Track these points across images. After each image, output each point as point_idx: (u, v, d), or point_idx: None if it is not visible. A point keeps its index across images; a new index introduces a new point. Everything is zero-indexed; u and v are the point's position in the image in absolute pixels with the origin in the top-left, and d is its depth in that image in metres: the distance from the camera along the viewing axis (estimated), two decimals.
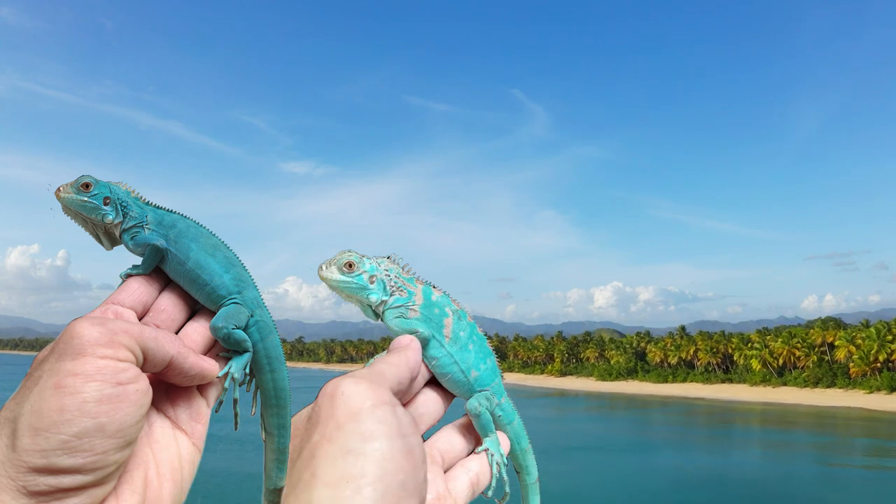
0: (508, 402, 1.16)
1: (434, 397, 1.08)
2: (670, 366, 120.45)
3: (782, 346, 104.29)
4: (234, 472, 32.38)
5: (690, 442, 57.46)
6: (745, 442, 59.84)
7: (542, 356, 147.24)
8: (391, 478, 0.73)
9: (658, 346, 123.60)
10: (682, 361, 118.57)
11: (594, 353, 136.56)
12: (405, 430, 0.79)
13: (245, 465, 33.49)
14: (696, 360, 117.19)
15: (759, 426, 72.60)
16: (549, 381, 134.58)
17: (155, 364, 0.92)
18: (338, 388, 0.81)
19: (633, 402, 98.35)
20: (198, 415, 1.03)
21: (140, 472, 0.91)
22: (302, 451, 0.78)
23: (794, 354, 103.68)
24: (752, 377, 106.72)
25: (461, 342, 1.11)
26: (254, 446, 2.53)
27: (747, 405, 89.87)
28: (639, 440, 56.54)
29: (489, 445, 1.08)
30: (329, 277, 1.11)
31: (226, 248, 1.15)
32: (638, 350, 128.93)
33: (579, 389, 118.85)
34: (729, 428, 70.11)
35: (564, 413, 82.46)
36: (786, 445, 55.85)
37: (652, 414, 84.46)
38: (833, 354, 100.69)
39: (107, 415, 0.81)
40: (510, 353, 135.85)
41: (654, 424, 72.85)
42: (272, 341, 1.13)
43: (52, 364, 0.83)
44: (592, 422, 71.47)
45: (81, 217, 1.14)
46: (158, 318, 1.06)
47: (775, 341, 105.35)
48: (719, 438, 60.93)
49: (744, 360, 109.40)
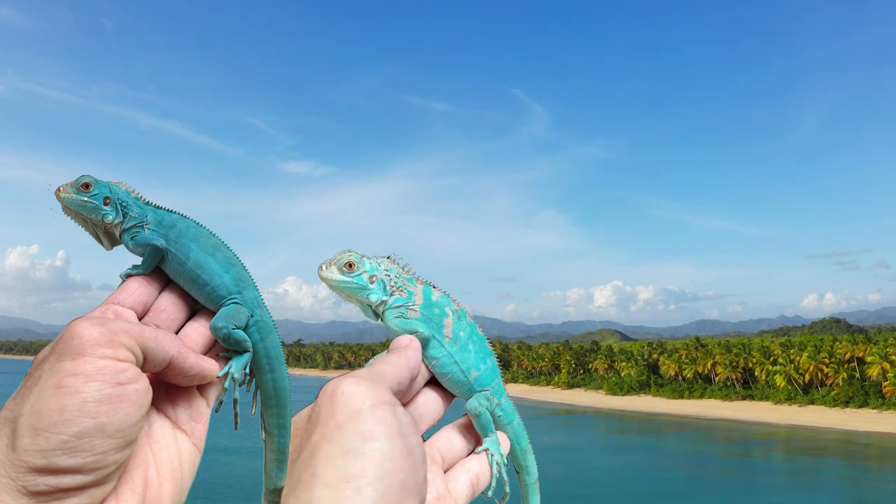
0: (508, 402, 1.16)
1: (434, 397, 1.08)
2: (685, 379, 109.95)
3: (808, 361, 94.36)
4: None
5: (712, 478, 53.38)
6: (770, 474, 55.42)
7: (548, 366, 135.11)
8: (391, 478, 0.73)
9: (672, 359, 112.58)
10: (699, 374, 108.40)
11: (603, 365, 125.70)
12: (405, 430, 0.79)
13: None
14: (713, 374, 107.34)
15: (785, 455, 66.83)
16: (556, 395, 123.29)
17: (155, 364, 0.92)
18: (338, 388, 0.81)
19: (647, 422, 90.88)
20: (198, 415, 1.03)
21: (140, 472, 0.91)
22: (302, 451, 0.79)
23: (821, 371, 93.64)
24: (776, 394, 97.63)
25: (461, 342, 1.11)
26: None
27: (772, 428, 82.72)
28: (657, 478, 52.97)
29: (489, 445, 1.08)
30: (329, 277, 1.11)
31: (226, 248, 1.15)
32: (650, 361, 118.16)
33: (588, 405, 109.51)
34: (752, 456, 64.82)
35: (573, 439, 73.45)
36: (816, 477, 52.63)
37: (668, 440, 77.49)
38: (863, 370, 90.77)
39: (107, 415, 0.81)
40: (514, 363, 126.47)
41: (671, 453, 66.43)
42: (272, 341, 1.14)
43: (52, 364, 0.83)
44: (605, 454, 64.08)
45: (81, 217, 1.14)
46: (158, 318, 1.06)
47: (800, 355, 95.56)
48: (742, 472, 56.48)
49: (766, 374, 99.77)
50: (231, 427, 1.11)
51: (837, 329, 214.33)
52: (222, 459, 43.95)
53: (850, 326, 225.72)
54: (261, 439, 1.15)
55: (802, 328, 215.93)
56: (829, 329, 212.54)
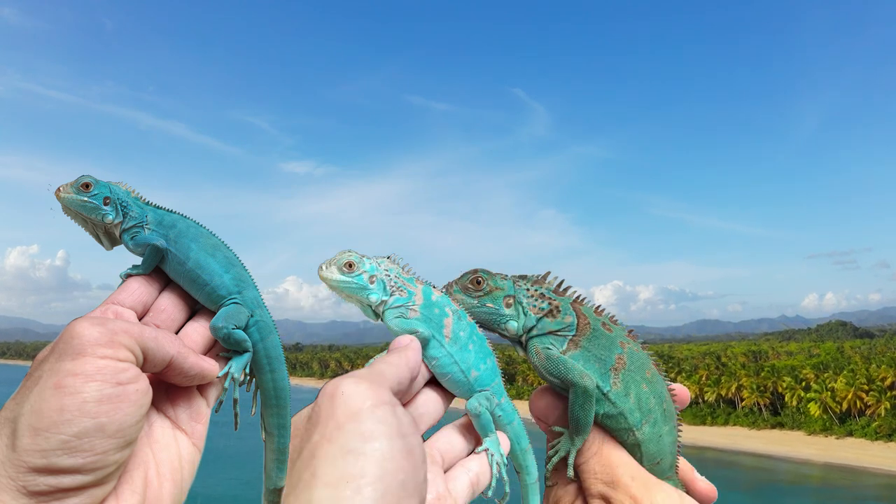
0: (509, 402, 1.16)
1: (434, 397, 1.08)
2: (707, 402, 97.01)
3: (846, 387, 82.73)
4: None
5: None
6: None
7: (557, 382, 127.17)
8: (391, 478, 0.73)
9: (692, 380, 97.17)
10: (721, 397, 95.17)
11: None
12: (405, 430, 0.79)
13: None
14: (737, 397, 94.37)
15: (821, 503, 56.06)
16: None
17: (155, 364, 0.93)
18: (338, 388, 0.81)
19: None
20: (198, 415, 1.03)
21: (140, 472, 0.92)
22: (302, 451, 0.79)
23: (861, 399, 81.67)
24: (810, 424, 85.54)
25: (461, 342, 1.11)
26: None
27: (805, 467, 71.24)
28: None
29: (489, 445, 1.08)
30: (329, 277, 1.11)
31: (226, 248, 1.15)
32: None
33: None
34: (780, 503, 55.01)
35: None
36: None
37: None
38: None
39: (107, 415, 0.81)
40: (519, 377, 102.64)
41: None
42: (272, 341, 1.14)
43: (52, 364, 0.83)
44: None
45: (81, 217, 1.14)
46: (158, 318, 1.06)
47: (835, 380, 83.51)
48: None
49: (797, 400, 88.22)
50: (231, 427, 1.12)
51: (844, 332, 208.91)
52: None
53: (856, 329, 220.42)
54: (261, 439, 1.15)
55: (809, 332, 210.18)
56: (836, 332, 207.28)
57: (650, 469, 1.04)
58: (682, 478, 1.12)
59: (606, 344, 1.08)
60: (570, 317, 1.09)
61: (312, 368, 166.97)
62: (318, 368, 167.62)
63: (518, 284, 1.11)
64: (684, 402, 1.13)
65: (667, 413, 1.09)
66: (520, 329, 1.09)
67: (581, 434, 1.02)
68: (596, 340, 1.08)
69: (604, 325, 1.10)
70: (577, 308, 1.10)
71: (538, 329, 1.09)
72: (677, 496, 0.97)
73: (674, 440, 1.10)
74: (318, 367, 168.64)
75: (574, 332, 1.08)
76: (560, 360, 1.05)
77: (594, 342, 1.08)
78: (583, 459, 1.04)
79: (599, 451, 1.04)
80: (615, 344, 1.09)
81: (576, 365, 1.04)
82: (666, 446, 1.08)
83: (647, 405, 1.06)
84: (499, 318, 1.09)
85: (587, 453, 1.04)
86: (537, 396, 1.13)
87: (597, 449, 1.04)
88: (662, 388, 1.09)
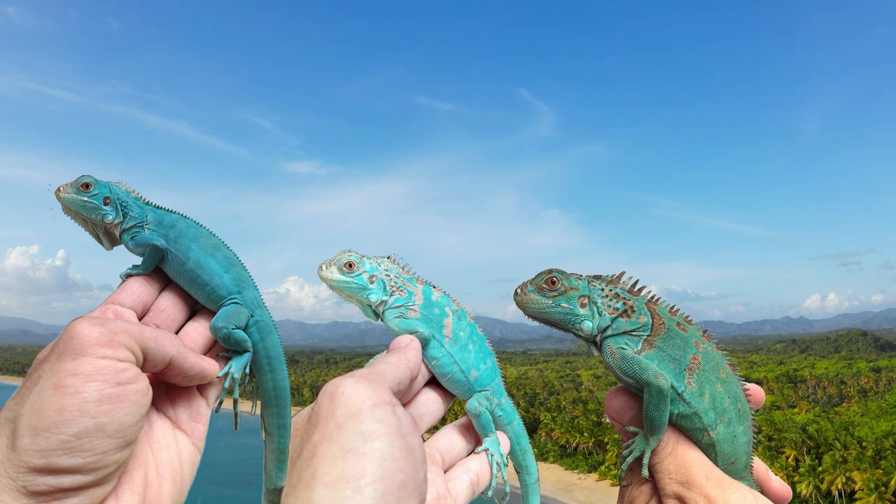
0: (508, 402, 1.16)
1: (434, 397, 1.08)
2: None
3: None
4: None
5: None
6: None
7: (588, 443, 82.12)
8: (391, 478, 0.73)
9: None
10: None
11: None
12: (405, 430, 0.79)
13: None
14: (842, 489, 60.22)
15: None
16: (600, 494, 71.12)
17: (155, 364, 0.93)
18: (338, 388, 0.81)
19: None
20: (198, 415, 1.03)
21: (140, 472, 0.92)
22: (302, 451, 0.79)
23: None
24: None
25: (461, 342, 1.12)
26: None
27: None
28: None
29: (489, 445, 1.08)
30: (329, 277, 1.12)
31: (226, 248, 1.15)
32: None
33: None
34: None
35: None
36: None
37: None
38: None
39: (107, 415, 0.82)
40: (542, 431, 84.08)
41: None
42: (272, 341, 1.14)
43: (52, 364, 0.83)
44: None
45: (81, 217, 1.14)
46: (158, 318, 1.07)
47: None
48: None
49: None
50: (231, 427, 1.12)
51: (864, 342, 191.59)
52: None
53: (877, 340, 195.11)
54: (261, 439, 1.15)
55: (824, 340, 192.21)
56: (855, 342, 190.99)
57: (724, 469, 1.04)
58: (757, 478, 1.11)
59: (681, 344, 1.07)
60: (644, 317, 1.08)
61: (304, 395, 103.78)
62: (310, 396, 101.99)
63: (592, 284, 1.10)
64: (759, 401, 1.13)
65: (741, 413, 1.08)
66: (594, 329, 1.08)
67: (656, 434, 1.02)
68: (670, 340, 1.07)
69: (678, 325, 1.09)
70: (651, 308, 1.10)
71: (613, 329, 1.08)
72: (752, 496, 0.96)
73: (748, 440, 1.09)
74: (309, 395, 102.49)
75: (649, 332, 1.08)
76: (635, 360, 1.04)
77: (669, 342, 1.07)
78: (657, 459, 1.03)
79: (674, 451, 1.03)
80: (690, 344, 1.08)
81: (650, 365, 1.04)
82: (740, 446, 1.07)
83: (722, 405, 1.05)
84: (573, 318, 1.08)
85: (662, 453, 1.03)
86: (612, 396, 1.12)
87: (671, 449, 1.03)
88: (737, 387, 1.09)
